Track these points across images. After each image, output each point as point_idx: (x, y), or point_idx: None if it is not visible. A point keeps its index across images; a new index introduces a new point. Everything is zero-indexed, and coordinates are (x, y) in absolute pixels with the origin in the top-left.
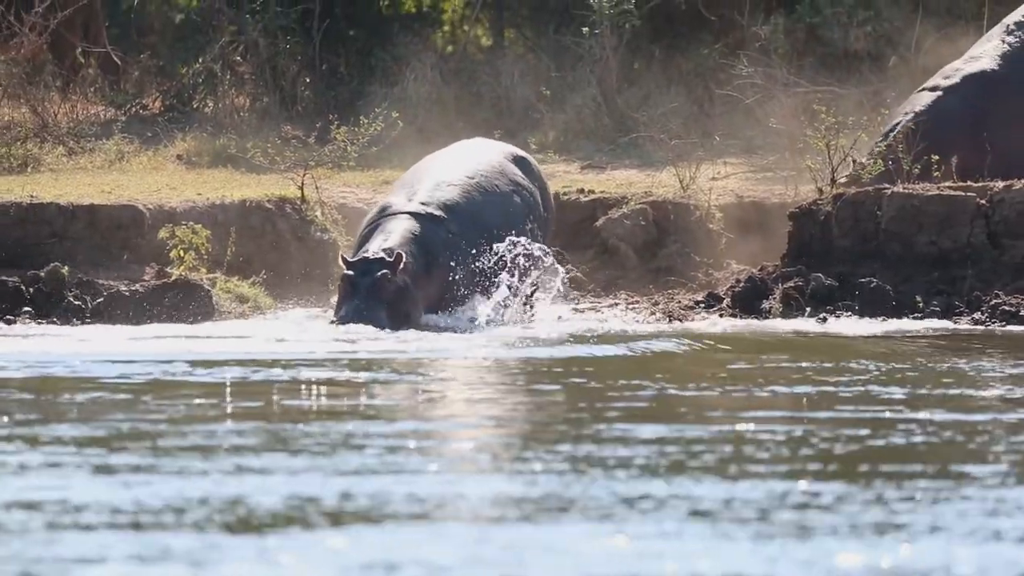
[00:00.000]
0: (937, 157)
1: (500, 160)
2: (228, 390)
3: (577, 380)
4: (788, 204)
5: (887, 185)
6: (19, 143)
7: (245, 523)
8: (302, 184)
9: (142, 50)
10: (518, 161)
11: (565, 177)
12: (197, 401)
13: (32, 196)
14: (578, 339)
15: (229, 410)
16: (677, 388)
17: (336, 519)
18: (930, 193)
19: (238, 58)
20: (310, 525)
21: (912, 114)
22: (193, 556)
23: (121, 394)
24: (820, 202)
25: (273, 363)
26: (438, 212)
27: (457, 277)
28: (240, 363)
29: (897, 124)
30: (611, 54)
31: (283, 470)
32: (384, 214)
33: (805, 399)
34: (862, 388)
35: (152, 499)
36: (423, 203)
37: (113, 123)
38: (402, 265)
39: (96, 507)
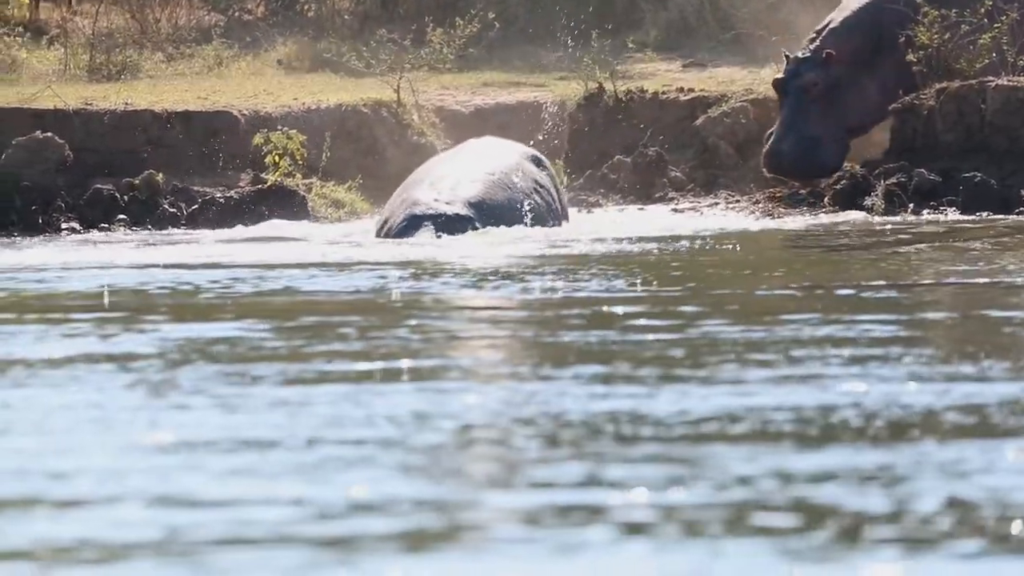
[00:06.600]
0: None
1: (517, 158)
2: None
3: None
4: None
5: (991, 78)
6: (118, 50)
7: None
8: (398, 87)
9: None
10: (534, 160)
11: (666, 76)
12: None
13: (126, 103)
14: None
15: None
16: None
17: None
18: None
19: None
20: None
21: (847, 12)
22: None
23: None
24: (923, 96)
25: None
26: (464, 211)
27: None
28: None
29: (829, 22)
30: None
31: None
32: (408, 218)
33: None
34: None
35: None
36: (448, 202)
37: (213, 28)
38: None
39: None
